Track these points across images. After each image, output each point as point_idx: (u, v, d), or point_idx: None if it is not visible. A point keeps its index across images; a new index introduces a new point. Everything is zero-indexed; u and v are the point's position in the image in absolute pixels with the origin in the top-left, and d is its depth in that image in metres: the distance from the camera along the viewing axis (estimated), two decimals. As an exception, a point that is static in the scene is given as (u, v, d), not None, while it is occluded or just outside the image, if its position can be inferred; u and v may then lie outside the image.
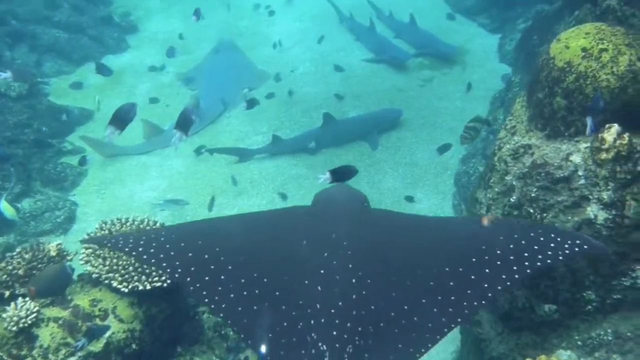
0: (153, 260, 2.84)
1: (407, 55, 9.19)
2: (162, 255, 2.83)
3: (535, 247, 2.74)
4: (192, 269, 2.76)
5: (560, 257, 2.73)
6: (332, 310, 2.58)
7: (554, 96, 3.55)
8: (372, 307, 2.60)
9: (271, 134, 7.63)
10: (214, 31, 10.20)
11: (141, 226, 4.18)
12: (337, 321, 2.53)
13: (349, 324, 2.52)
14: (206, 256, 2.82)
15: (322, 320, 2.55)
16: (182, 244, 2.92)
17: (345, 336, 2.48)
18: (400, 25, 10.17)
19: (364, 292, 2.65)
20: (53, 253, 3.90)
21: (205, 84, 8.63)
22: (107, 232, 4.12)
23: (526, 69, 6.74)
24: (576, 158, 3.32)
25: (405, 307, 2.59)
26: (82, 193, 6.88)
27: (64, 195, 6.70)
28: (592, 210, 3.18)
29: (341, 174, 3.69)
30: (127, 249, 2.88)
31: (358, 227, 3.07)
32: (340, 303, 2.60)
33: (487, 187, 3.92)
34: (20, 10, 8.49)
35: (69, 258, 3.93)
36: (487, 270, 2.66)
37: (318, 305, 2.61)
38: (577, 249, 2.75)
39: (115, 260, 3.83)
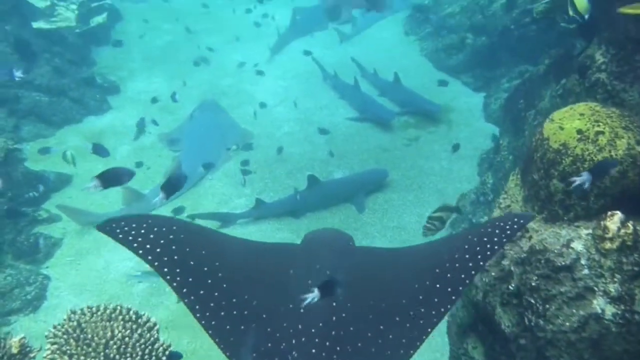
0: (156, 263, 2.96)
1: (392, 114, 9.15)
2: (165, 258, 2.96)
3: (485, 242, 3.00)
4: (190, 279, 2.94)
5: (505, 240, 2.98)
6: (313, 330, 2.87)
7: (551, 178, 3.40)
8: (351, 329, 2.91)
9: (254, 197, 7.42)
10: (197, 91, 10.11)
11: (113, 315, 3.86)
12: (316, 340, 2.83)
13: (327, 343, 2.83)
14: (205, 269, 3.01)
15: (303, 339, 2.83)
16: (187, 249, 3.05)
17: (324, 354, 2.79)
18: (384, 84, 10.19)
19: (343, 315, 2.96)
20: (15, 350, 3.56)
21: (187, 146, 8.46)
22: (75, 323, 3.79)
23: (513, 133, 6.68)
24: (578, 245, 3.14)
25: (381, 327, 2.89)
26: (55, 265, 6.52)
27: (36, 268, 6.34)
28: (599, 304, 2.97)
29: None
30: (132, 244, 3.01)
31: (340, 259, 3.40)
32: (320, 324, 2.89)
33: (483, 269, 3.71)
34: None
35: (31, 355, 3.59)
36: (449, 276, 2.96)
37: (300, 326, 2.88)
38: (515, 228, 2.98)
39: (82, 359, 3.50)
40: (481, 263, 2.94)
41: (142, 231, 3.06)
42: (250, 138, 8.96)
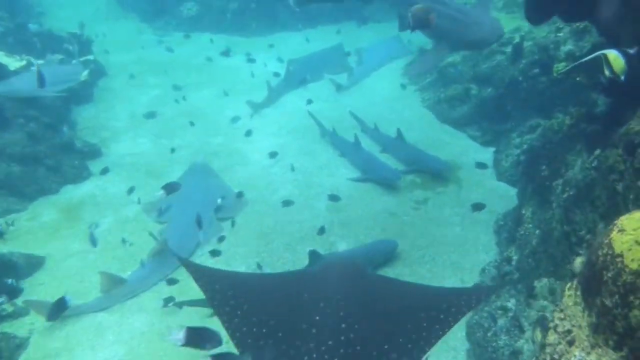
0: (215, 303, 3.77)
1: (398, 175, 8.46)
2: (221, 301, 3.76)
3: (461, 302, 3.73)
4: (229, 309, 3.70)
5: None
6: (323, 348, 3.29)
7: (630, 308, 2.65)
8: (358, 348, 3.31)
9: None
10: (186, 152, 9.41)
11: None
12: (326, 356, 3.25)
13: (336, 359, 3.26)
14: (232, 302, 3.73)
15: (314, 356, 3.26)
16: (229, 292, 3.81)
17: None
18: (386, 140, 9.55)
19: (351, 335, 3.37)
20: None
21: (175, 216, 7.69)
22: None
23: (538, 204, 5.97)
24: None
25: (385, 347, 3.29)
26: (19, 372, 5.65)
27: (-5, 378, 5.47)
28: None
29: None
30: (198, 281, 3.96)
31: (351, 285, 3.85)
32: (330, 342, 3.32)
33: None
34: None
35: None
36: (441, 316, 3.53)
37: (312, 345, 3.32)
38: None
39: None
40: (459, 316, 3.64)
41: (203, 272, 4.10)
42: (244, 205, 8.22)
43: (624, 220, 2.83)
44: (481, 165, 8.66)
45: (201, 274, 4.04)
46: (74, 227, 7.69)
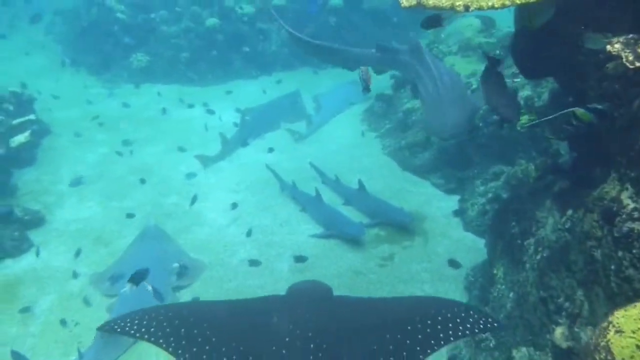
0: (161, 341, 3.56)
1: (362, 230, 8.10)
2: (159, 333, 3.59)
3: (449, 325, 3.54)
4: (183, 343, 3.55)
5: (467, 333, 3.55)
6: None
7: None
8: None
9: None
10: (138, 214, 8.82)
11: None
12: None
13: None
14: (195, 331, 3.63)
15: None
16: (178, 322, 3.67)
17: None
18: (348, 191, 9.23)
19: (320, 355, 3.47)
20: None
21: (125, 289, 7.05)
22: None
23: (510, 264, 5.70)
24: None
25: None
26: None
27: None
28: None
29: None
30: (136, 333, 3.60)
31: (318, 307, 3.89)
32: None
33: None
34: None
35: None
36: (419, 337, 3.44)
37: None
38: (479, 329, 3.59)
39: None
40: (442, 343, 3.43)
41: (139, 321, 3.68)
42: (202, 270, 7.68)
43: (620, 319, 2.52)
44: (457, 213, 8.44)
45: (148, 328, 3.67)
46: (12, 305, 6.97)
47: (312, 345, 3.53)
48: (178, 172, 10.29)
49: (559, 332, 4.41)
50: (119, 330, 3.68)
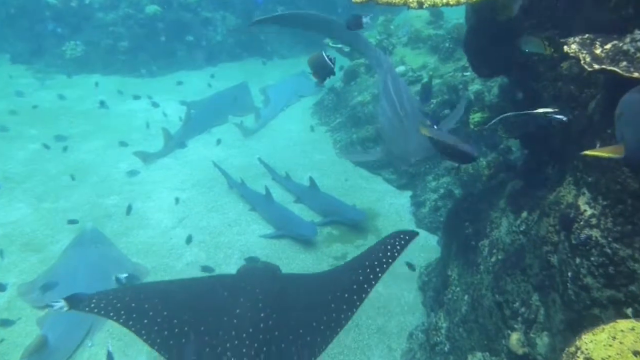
0: (121, 320, 3.84)
1: (314, 229, 7.85)
2: (131, 314, 3.87)
3: (376, 263, 4.06)
4: (145, 321, 3.81)
5: (397, 255, 4.11)
6: (244, 335, 3.71)
7: None
8: (276, 333, 3.76)
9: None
10: (74, 216, 8.22)
11: None
12: (247, 342, 3.67)
13: (256, 345, 3.66)
14: (146, 305, 3.92)
15: (236, 343, 3.67)
16: (145, 305, 3.94)
17: (253, 353, 3.62)
18: (299, 189, 8.96)
19: (270, 323, 3.82)
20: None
21: (58, 305, 6.52)
22: None
23: (464, 265, 5.59)
24: None
25: (300, 331, 3.76)
26: None
27: None
28: None
29: None
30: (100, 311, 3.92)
31: (267, 282, 4.26)
32: (250, 330, 3.74)
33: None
34: None
35: None
36: (346, 296, 3.91)
37: (233, 333, 3.73)
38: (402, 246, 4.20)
39: None
40: (373, 283, 3.93)
41: (106, 301, 3.96)
42: (145, 275, 7.24)
43: (589, 344, 2.37)
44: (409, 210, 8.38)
45: (108, 306, 3.95)
46: None
47: (262, 315, 3.86)
48: (118, 170, 9.72)
49: (514, 337, 4.32)
50: (86, 309, 3.98)
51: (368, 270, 4.00)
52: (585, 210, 3.54)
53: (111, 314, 3.87)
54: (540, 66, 4.48)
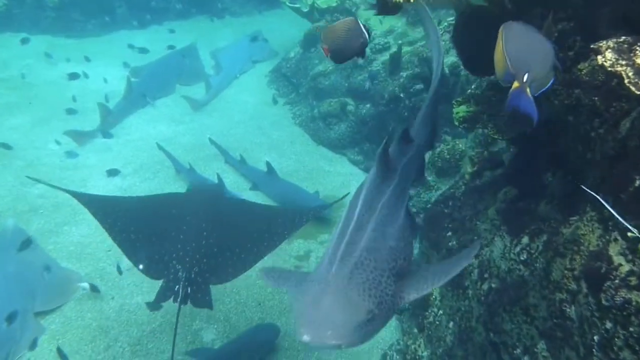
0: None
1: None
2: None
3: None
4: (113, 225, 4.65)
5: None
6: (188, 248, 4.38)
7: None
8: (215, 249, 4.43)
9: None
10: (-8, 211, 7.06)
11: None
12: (190, 254, 4.34)
13: (197, 256, 4.34)
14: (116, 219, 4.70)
15: (181, 254, 4.35)
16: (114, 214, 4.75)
17: (194, 262, 4.31)
18: (255, 174, 8.00)
19: (210, 240, 4.47)
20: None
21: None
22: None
23: (448, 285, 4.88)
24: None
25: (237, 250, 4.45)
26: None
27: None
28: None
29: None
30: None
31: (211, 202, 5.04)
32: (194, 244, 4.41)
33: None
34: None
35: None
36: (278, 231, 4.64)
37: (179, 246, 4.41)
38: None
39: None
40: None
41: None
42: (78, 281, 6.24)
43: None
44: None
45: (94, 203, 4.96)
46: None
47: (204, 233, 4.50)
48: (48, 152, 8.46)
49: (517, 390, 3.67)
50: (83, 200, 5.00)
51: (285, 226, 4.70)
52: (620, 265, 2.81)
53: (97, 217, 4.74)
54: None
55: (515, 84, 2.60)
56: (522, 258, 3.90)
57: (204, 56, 11.57)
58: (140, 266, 4.33)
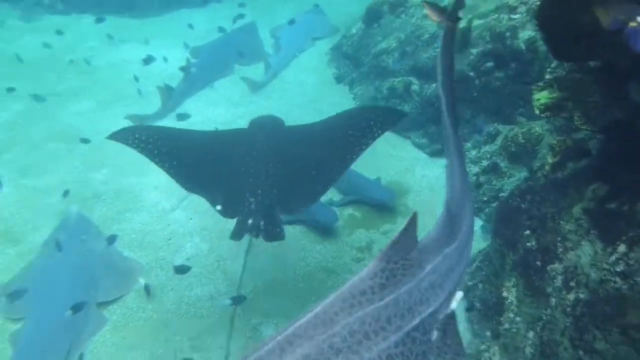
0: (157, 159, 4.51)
1: (334, 217, 6.68)
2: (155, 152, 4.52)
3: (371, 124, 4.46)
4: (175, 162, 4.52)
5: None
6: (258, 181, 4.36)
7: None
8: (283, 179, 4.40)
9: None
10: (58, 194, 7.16)
11: None
12: (261, 184, 4.33)
13: (267, 187, 4.32)
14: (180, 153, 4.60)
15: (252, 185, 4.34)
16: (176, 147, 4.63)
17: (266, 191, 4.29)
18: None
19: (278, 171, 4.45)
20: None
21: (36, 308, 5.54)
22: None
23: (526, 287, 4.41)
24: None
25: (308, 176, 4.38)
26: None
27: None
28: None
29: None
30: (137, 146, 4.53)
31: (275, 134, 4.97)
32: (262, 177, 4.39)
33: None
34: None
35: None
36: (351, 142, 4.41)
37: (250, 179, 4.40)
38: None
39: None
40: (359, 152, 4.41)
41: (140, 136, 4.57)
42: (139, 272, 6.23)
43: None
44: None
45: (139, 141, 4.54)
46: None
47: (271, 164, 4.49)
48: (94, 130, 8.46)
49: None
50: (129, 141, 4.53)
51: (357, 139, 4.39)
52: None
53: (147, 152, 4.48)
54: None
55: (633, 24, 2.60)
56: (618, 269, 3.39)
57: (263, 35, 11.28)
58: (218, 207, 4.34)
